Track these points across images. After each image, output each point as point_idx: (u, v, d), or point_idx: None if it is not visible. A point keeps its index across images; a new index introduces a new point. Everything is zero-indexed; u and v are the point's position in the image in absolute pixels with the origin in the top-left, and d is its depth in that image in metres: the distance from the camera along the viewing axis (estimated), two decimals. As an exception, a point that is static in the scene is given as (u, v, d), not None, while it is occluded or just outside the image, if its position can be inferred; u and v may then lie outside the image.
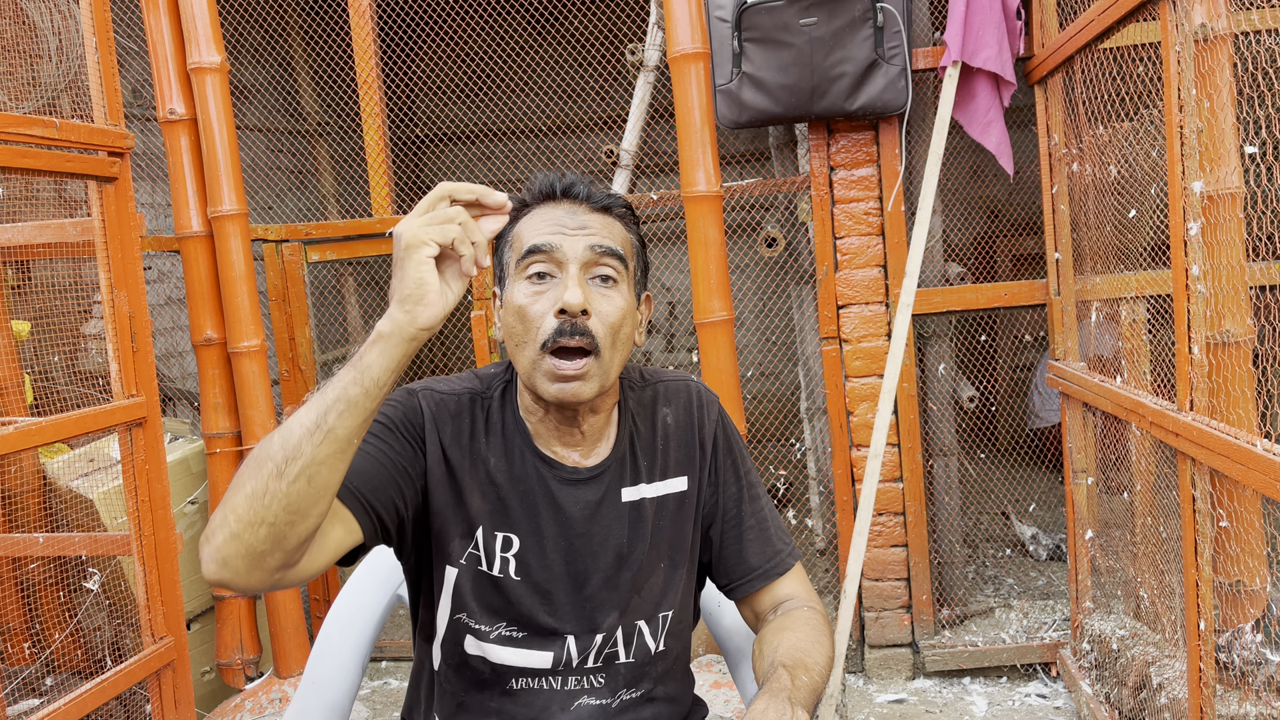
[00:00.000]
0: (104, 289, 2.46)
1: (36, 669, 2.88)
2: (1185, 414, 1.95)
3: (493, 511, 1.28)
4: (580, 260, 1.23)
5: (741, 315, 4.35)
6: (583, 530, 1.30)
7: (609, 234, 1.27)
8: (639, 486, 1.33)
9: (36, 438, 2.22)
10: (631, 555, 1.31)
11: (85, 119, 2.45)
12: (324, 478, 1.00)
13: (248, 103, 4.87)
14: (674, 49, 2.86)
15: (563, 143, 6.07)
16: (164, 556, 2.54)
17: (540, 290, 1.23)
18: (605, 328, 1.23)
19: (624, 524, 1.32)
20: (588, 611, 1.30)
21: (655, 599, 1.33)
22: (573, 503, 1.30)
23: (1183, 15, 1.87)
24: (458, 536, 1.28)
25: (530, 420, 1.31)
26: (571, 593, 1.29)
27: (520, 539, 1.28)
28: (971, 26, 2.78)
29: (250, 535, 0.98)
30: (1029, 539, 3.83)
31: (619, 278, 1.27)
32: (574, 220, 1.26)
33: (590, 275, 1.25)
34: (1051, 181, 2.86)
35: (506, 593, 1.28)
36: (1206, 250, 1.87)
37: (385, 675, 3.50)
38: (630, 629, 1.32)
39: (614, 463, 1.33)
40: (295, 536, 1.01)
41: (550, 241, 1.23)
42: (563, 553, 1.29)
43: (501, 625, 1.28)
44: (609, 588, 1.30)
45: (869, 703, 3.02)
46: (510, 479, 1.29)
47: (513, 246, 1.29)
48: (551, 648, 1.29)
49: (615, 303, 1.25)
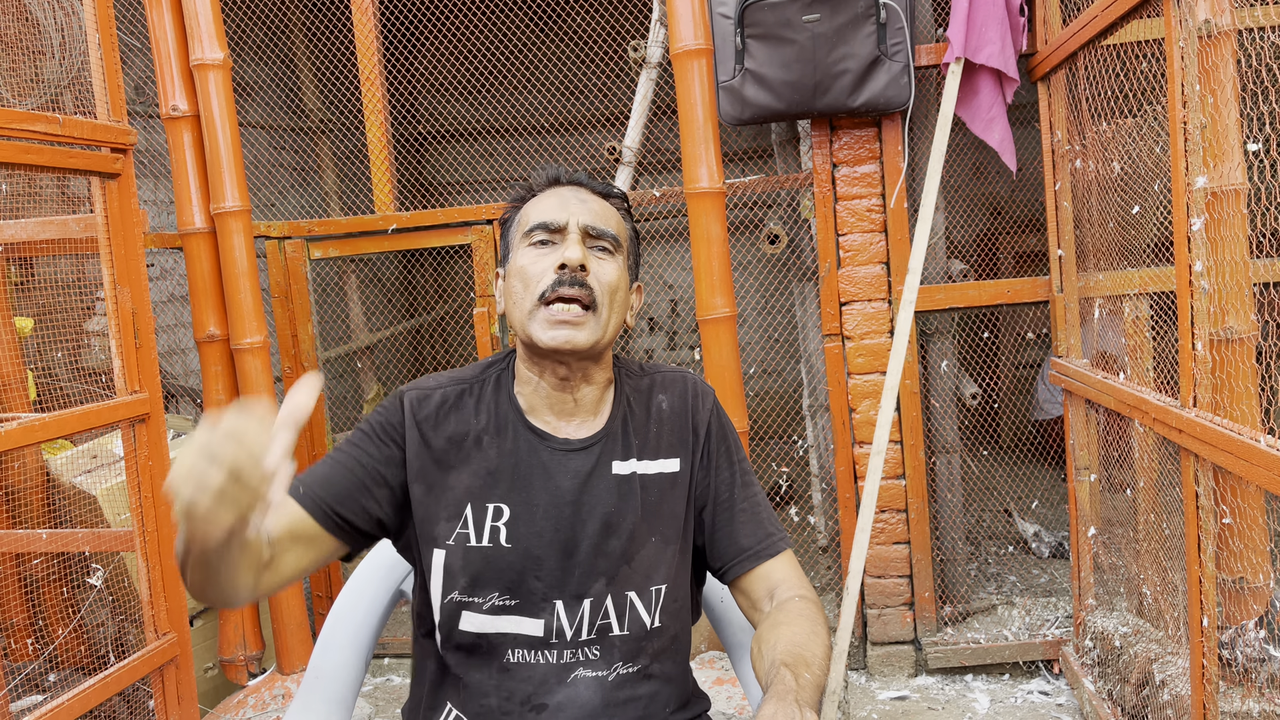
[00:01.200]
0: (107, 285, 2.46)
1: (40, 665, 2.89)
2: (1188, 410, 1.95)
3: (483, 486, 1.33)
4: (581, 228, 1.34)
5: (744, 312, 4.36)
6: (572, 499, 1.34)
7: (606, 216, 1.38)
8: (630, 462, 1.37)
9: (40, 434, 2.22)
10: (621, 525, 1.34)
11: (88, 115, 2.45)
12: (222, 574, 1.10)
13: (250, 100, 4.87)
14: (677, 45, 2.86)
15: (565, 140, 6.07)
16: (167, 552, 2.55)
17: (543, 253, 1.33)
18: (603, 286, 1.33)
19: (613, 494, 1.35)
20: (576, 577, 1.32)
21: (646, 571, 1.35)
22: (563, 472, 1.34)
23: (1186, 11, 1.87)
24: (444, 519, 1.32)
25: (524, 392, 1.38)
26: (560, 559, 1.32)
27: (510, 508, 1.33)
28: (974, 23, 2.78)
29: (192, 579, 1.11)
30: (1031, 536, 3.83)
31: (614, 252, 1.37)
32: (576, 197, 1.37)
33: (590, 245, 1.35)
34: (1054, 178, 2.86)
35: (495, 561, 1.31)
36: (1210, 246, 1.87)
37: (388, 672, 3.50)
38: (621, 599, 1.34)
39: (606, 436, 1.38)
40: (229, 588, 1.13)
41: (555, 218, 1.34)
42: (553, 520, 1.33)
43: (494, 596, 1.31)
44: (597, 554, 1.33)
45: (871, 699, 3.02)
46: (501, 453, 1.35)
47: (519, 224, 1.38)
48: (542, 614, 1.31)
49: (612, 266, 1.35)
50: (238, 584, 1.13)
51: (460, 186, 6.33)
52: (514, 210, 1.42)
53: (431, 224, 3.27)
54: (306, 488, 1.29)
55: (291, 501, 1.27)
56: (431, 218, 3.26)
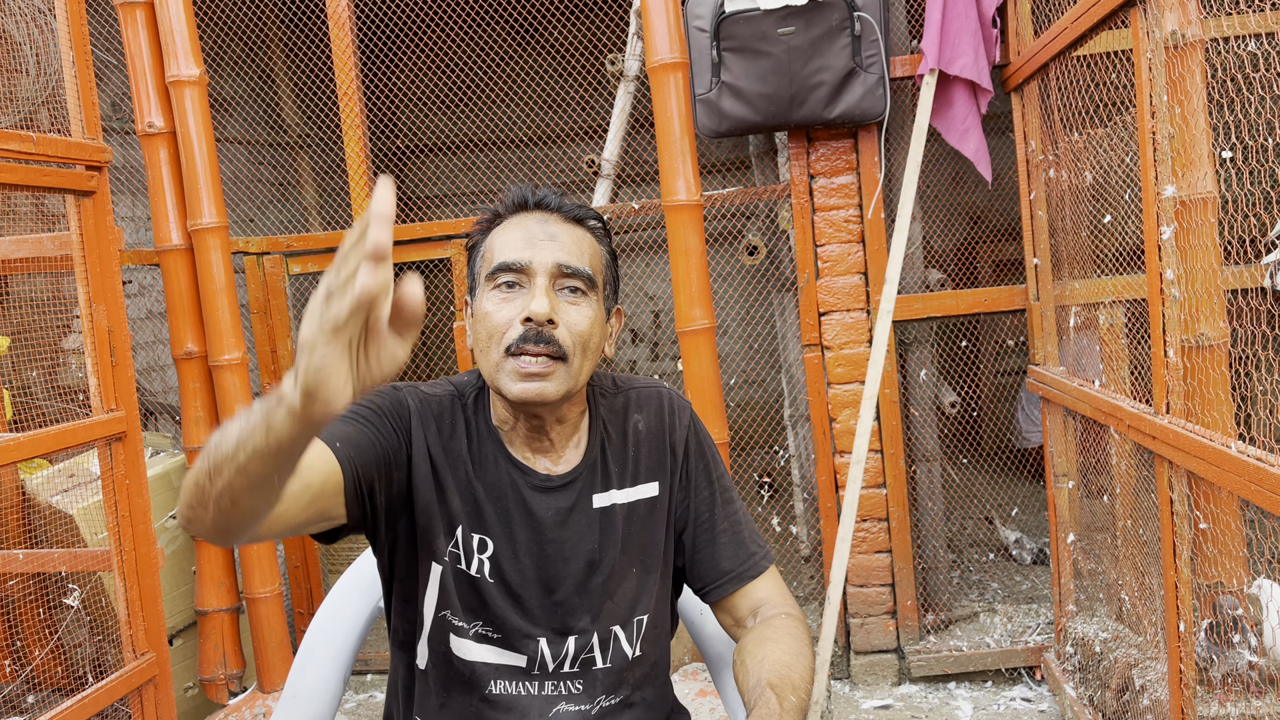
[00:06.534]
0: (82, 303, 2.45)
1: (17, 686, 2.86)
2: (1161, 417, 1.97)
3: (470, 513, 1.29)
4: (549, 272, 1.24)
5: (725, 323, 4.36)
6: (554, 536, 1.30)
7: (578, 250, 1.28)
8: (610, 493, 1.34)
9: (15, 454, 2.21)
10: (603, 561, 1.32)
11: (63, 133, 2.44)
12: (246, 502, 0.94)
13: (228, 115, 4.86)
14: (653, 59, 2.87)
15: (545, 153, 6.08)
16: (145, 572, 2.53)
17: (508, 298, 1.24)
18: (573, 336, 1.24)
19: (595, 530, 1.32)
20: (559, 615, 1.31)
21: (629, 604, 1.34)
22: (544, 509, 1.30)
23: (1153, 23, 1.89)
24: (441, 533, 1.28)
25: (503, 429, 1.32)
26: (542, 597, 1.30)
27: (494, 542, 1.29)
28: (948, 35, 2.80)
29: (202, 513, 0.97)
30: (1013, 543, 3.85)
31: (587, 291, 1.27)
32: (544, 230, 1.27)
33: (559, 287, 1.25)
34: (1029, 188, 2.88)
35: (482, 593, 1.29)
36: (1180, 255, 1.89)
37: (371, 688, 3.48)
38: (606, 634, 1.32)
39: (585, 469, 1.34)
40: (240, 520, 0.97)
41: (519, 258, 1.24)
42: (534, 557, 1.30)
43: (478, 624, 1.29)
44: (580, 593, 1.31)
45: (855, 709, 3.03)
46: (485, 483, 1.30)
47: (484, 258, 1.29)
48: (525, 650, 1.30)
49: (584, 312, 1.26)
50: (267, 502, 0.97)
51: (440, 200, 6.32)
52: (481, 235, 1.32)
53: (411, 238, 3.26)
54: (342, 442, 1.17)
55: (322, 444, 1.15)
56: (411, 232, 3.26)
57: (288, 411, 0.83)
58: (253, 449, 0.87)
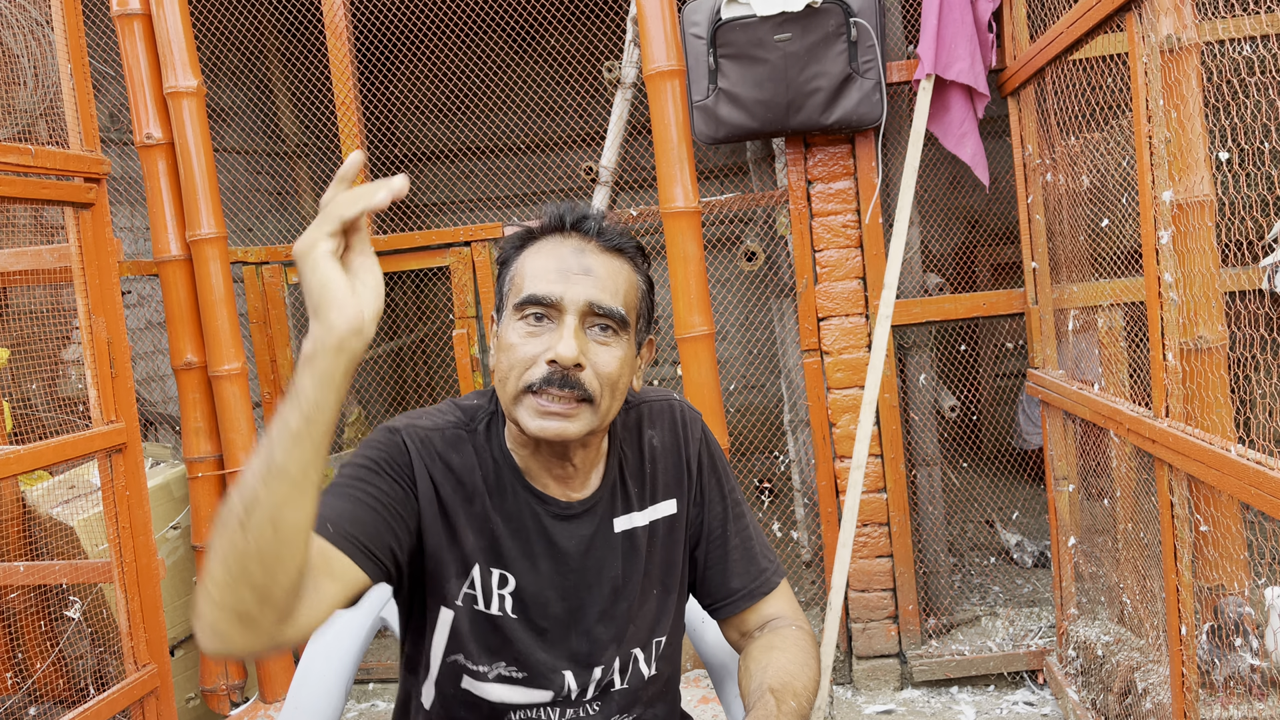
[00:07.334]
0: (81, 315, 2.45)
1: (19, 699, 2.85)
2: (1161, 420, 1.97)
3: (488, 548, 1.24)
4: (579, 311, 1.18)
5: (724, 328, 4.36)
6: (577, 565, 1.27)
7: (613, 286, 1.20)
8: (630, 515, 1.31)
9: (16, 466, 2.21)
10: (626, 586, 1.29)
11: (61, 145, 2.44)
12: (289, 521, 0.91)
13: (227, 125, 4.86)
14: (650, 66, 2.88)
15: (542, 160, 6.09)
16: (146, 583, 2.52)
17: (535, 332, 1.18)
18: (600, 379, 1.18)
19: (617, 556, 1.29)
20: (586, 646, 1.27)
21: (650, 626, 1.32)
22: (567, 538, 1.26)
23: (1149, 27, 1.90)
24: (453, 576, 1.23)
25: (520, 454, 1.26)
26: (568, 629, 1.27)
27: (516, 577, 1.25)
28: (944, 40, 2.81)
29: (232, 598, 0.91)
30: (1014, 546, 3.84)
31: (619, 331, 1.21)
32: (579, 262, 1.20)
33: (589, 325, 1.19)
34: (1027, 191, 2.89)
35: (505, 632, 1.25)
36: (1178, 258, 1.89)
37: (373, 697, 3.48)
38: (626, 658, 1.31)
39: (605, 494, 1.30)
40: (279, 589, 0.93)
41: (550, 293, 1.17)
42: (559, 589, 1.26)
43: (500, 665, 1.26)
44: (605, 620, 1.28)
45: (857, 714, 3.02)
46: (504, 515, 1.25)
47: (514, 282, 1.22)
48: (551, 686, 1.26)
49: (614, 353, 1.20)
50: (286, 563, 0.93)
51: (439, 208, 6.33)
52: (514, 251, 1.24)
53: (410, 246, 3.27)
54: (334, 526, 1.11)
55: (321, 540, 1.09)
56: (410, 240, 3.27)
57: (313, 351, 0.90)
58: (290, 434, 0.91)
